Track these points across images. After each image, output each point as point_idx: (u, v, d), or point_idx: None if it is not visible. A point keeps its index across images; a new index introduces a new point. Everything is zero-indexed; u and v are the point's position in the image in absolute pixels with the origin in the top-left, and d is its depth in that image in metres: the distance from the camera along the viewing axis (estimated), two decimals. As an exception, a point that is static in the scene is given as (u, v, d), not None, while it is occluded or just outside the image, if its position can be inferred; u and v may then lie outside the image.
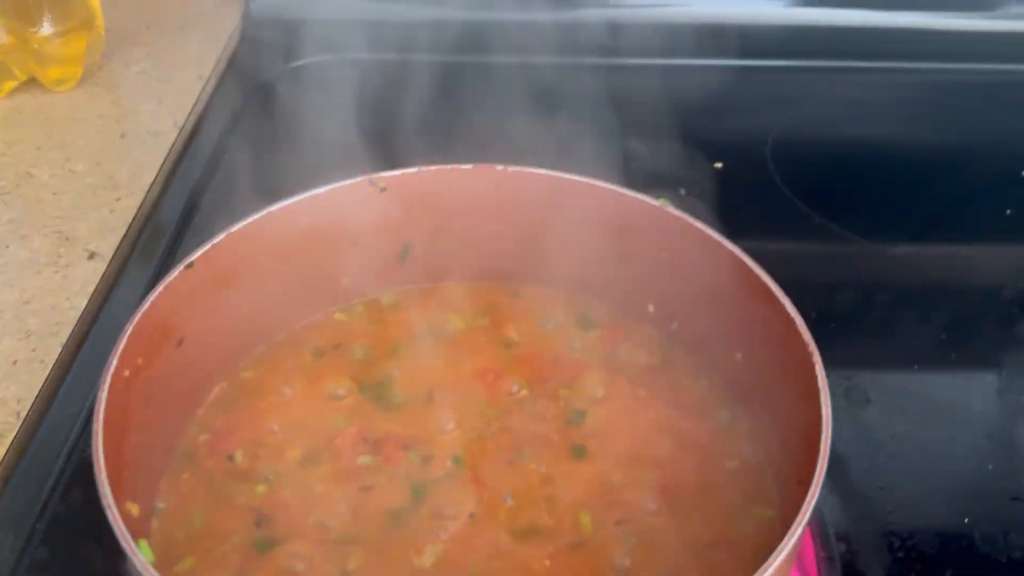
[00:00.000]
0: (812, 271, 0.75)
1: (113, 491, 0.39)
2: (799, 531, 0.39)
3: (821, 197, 0.79)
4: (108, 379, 0.43)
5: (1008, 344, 0.66)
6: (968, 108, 0.92)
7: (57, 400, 0.60)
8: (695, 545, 0.48)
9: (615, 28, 0.88)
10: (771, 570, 0.38)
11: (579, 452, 0.52)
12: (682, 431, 0.53)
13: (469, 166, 0.57)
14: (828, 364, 0.46)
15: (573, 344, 0.58)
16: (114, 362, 0.44)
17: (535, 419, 0.54)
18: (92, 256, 0.69)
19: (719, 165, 0.81)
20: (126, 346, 0.45)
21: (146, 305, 0.47)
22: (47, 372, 0.60)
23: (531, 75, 0.66)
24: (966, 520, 0.54)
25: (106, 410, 0.42)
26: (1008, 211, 0.78)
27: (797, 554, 0.52)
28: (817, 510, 0.55)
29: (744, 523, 0.49)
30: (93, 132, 0.82)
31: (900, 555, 0.52)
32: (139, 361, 0.46)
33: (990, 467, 0.57)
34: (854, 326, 0.68)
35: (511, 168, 0.57)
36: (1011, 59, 0.96)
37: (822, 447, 0.41)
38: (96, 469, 0.39)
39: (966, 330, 0.67)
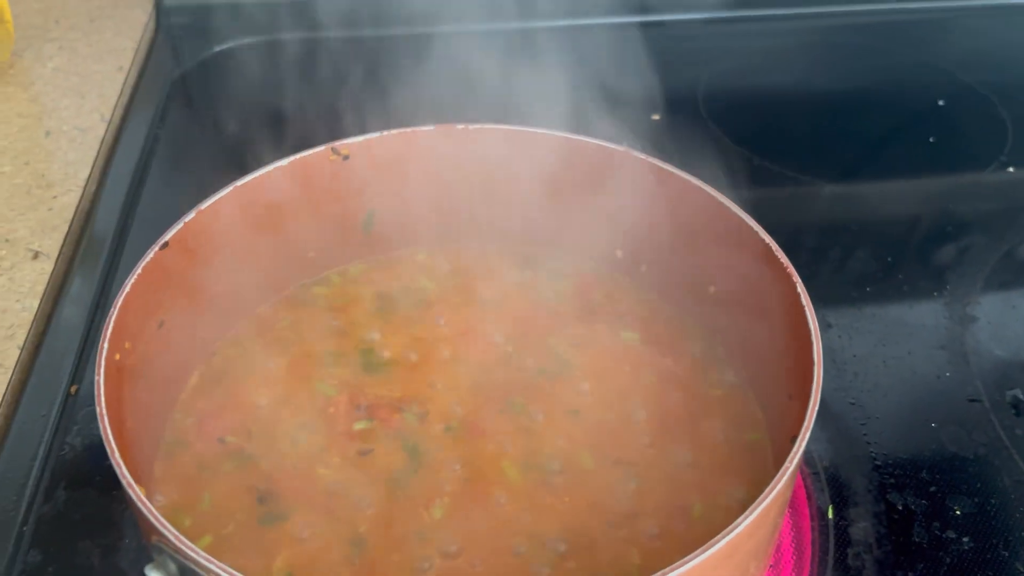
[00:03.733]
0: (757, 209, 0.78)
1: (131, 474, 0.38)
2: (803, 444, 0.40)
3: (755, 141, 0.82)
4: (103, 363, 0.42)
5: (948, 262, 0.70)
6: (884, 47, 0.96)
7: (23, 403, 0.58)
8: (692, 472, 0.49)
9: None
10: (780, 485, 0.39)
11: (569, 397, 0.53)
12: (663, 367, 0.55)
13: (430, 127, 0.57)
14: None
15: (547, 296, 0.59)
16: (105, 346, 0.42)
17: (522, 369, 0.54)
18: (37, 256, 0.67)
19: (656, 117, 0.82)
20: (114, 328, 0.43)
21: (127, 287, 0.45)
22: (9, 376, 0.58)
23: (475, 41, 0.66)
24: (932, 424, 0.58)
25: (106, 395, 0.41)
26: (931, 139, 0.82)
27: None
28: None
29: (735, 447, 0.51)
30: (15, 132, 0.79)
31: (878, 463, 0.55)
32: (127, 344, 0.45)
33: (947, 374, 0.61)
34: (804, 259, 0.71)
35: (472, 126, 0.57)
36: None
37: (816, 356, 0.43)
38: (110, 452, 0.38)
39: (908, 254, 0.71)
